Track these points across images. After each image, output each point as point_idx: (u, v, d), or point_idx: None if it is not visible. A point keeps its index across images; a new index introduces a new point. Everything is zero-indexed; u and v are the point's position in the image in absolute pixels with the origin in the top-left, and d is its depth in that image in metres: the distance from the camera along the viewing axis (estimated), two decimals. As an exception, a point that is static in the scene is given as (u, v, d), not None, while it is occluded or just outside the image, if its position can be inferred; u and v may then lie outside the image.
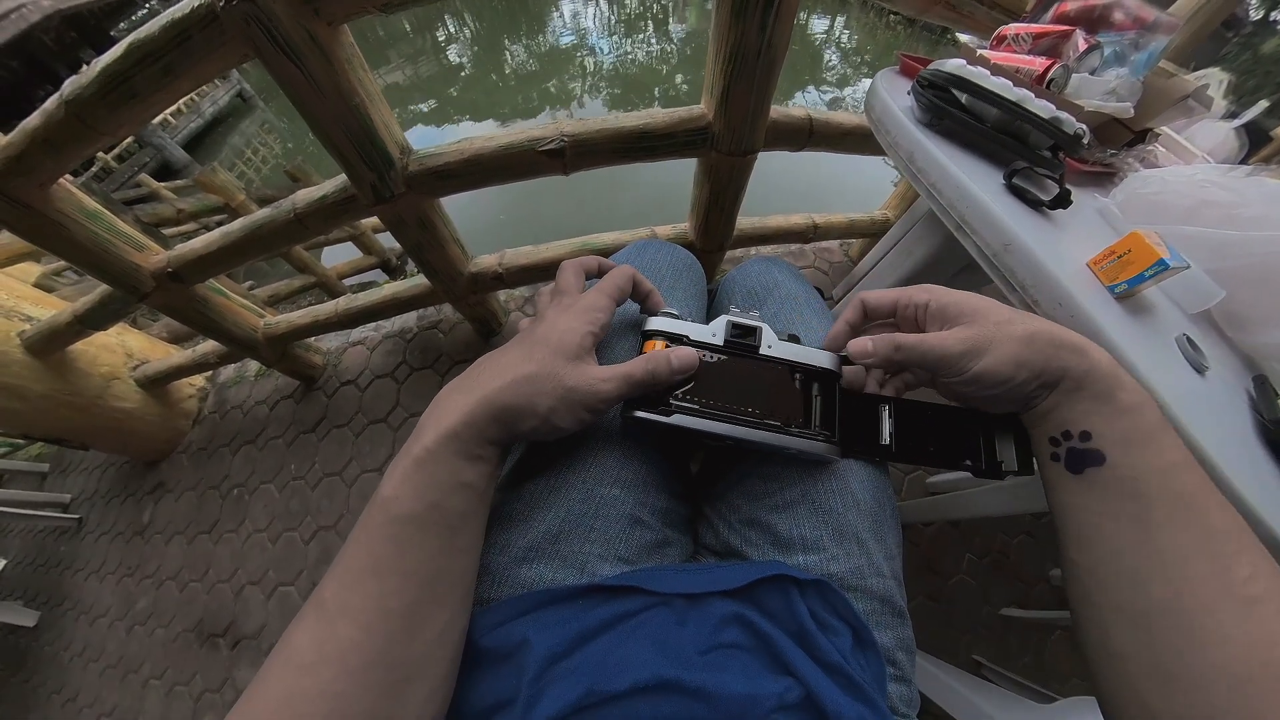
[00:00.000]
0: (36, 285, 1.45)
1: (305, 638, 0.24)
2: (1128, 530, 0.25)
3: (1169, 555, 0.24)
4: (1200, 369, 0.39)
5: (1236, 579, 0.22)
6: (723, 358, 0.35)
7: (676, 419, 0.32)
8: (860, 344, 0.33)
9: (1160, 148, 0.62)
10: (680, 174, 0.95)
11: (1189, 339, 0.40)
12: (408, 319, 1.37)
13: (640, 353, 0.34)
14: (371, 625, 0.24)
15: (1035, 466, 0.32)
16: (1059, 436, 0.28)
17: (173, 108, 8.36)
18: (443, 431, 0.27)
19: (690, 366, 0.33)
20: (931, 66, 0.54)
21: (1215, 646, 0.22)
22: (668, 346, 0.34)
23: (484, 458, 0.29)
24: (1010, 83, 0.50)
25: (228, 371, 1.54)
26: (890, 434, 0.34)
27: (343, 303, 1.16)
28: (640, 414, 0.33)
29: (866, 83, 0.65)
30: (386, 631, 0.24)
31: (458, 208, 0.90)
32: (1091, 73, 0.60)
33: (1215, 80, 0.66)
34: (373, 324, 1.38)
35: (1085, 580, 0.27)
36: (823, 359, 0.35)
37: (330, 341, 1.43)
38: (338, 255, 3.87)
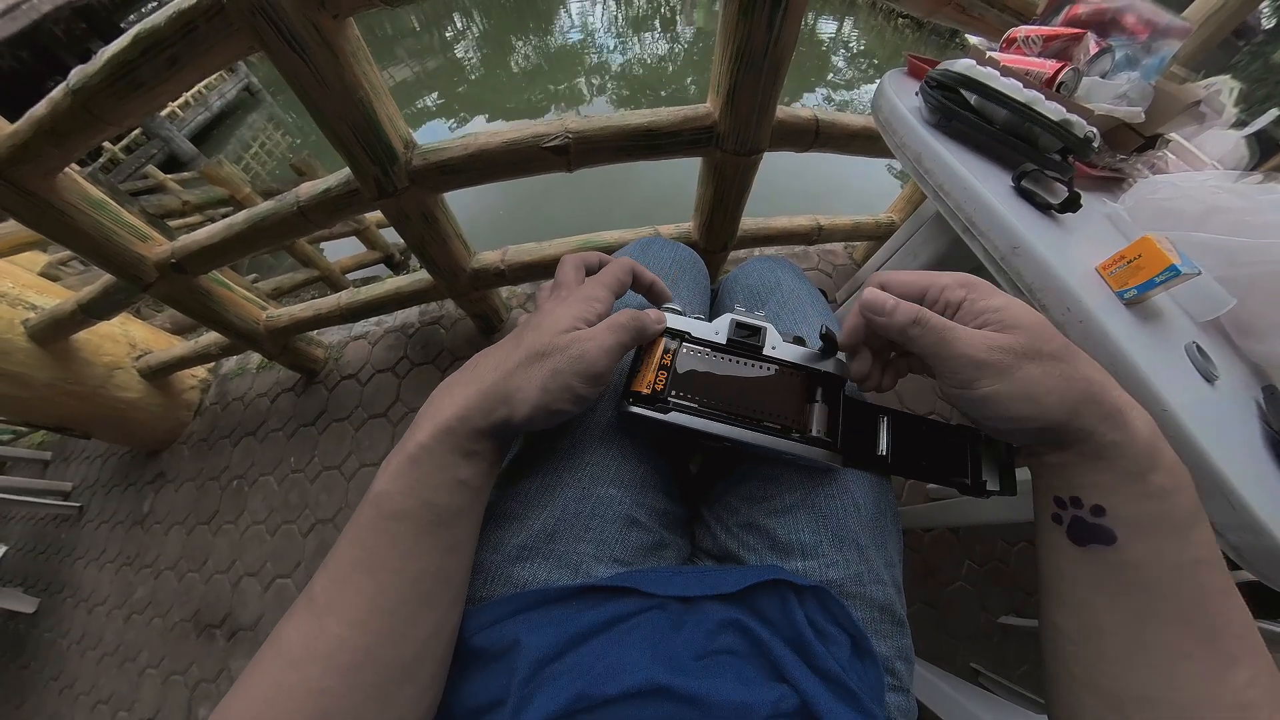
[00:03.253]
0: (42, 274, 1.46)
1: (295, 633, 0.23)
2: (1124, 617, 0.23)
3: (1165, 652, 0.22)
4: (1210, 378, 0.39)
5: (1233, 683, 0.21)
6: (725, 356, 0.34)
7: (674, 417, 0.32)
8: (879, 297, 0.28)
9: (1170, 154, 0.61)
10: (685, 173, 0.95)
11: (1198, 347, 0.40)
12: (409, 314, 1.37)
13: (644, 351, 0.34)
14: (361, 623, 0.24)
15: (1017, 489, 0.31)
16: (1066, 500, 0.25)
17: (180, 100, 8.42)
18: (438, 427, 0.27)
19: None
20: (940, 67, 0.54)
21: None
22: (668, 343, 0.34)
23: (479, 454, 0.28)
24: (1020, 84, 0.49)
25: (230, 363, 1.55)
26: (887, 445, 0.33)
27: (345, 297, 1.16)
28: (637, 410, 0.32)
29: (873, 86, 0.65)
30: (376, 630, 0.24)
31: (461, 204, 0.90)
32: (1102, 76, 0.59)
33: (1226, 88, 0.65)
34: (374, 318, 1.38)
35: (1064, 647, 0.25)
36: (828, 363, 0.34)
37: (332, 335, 1.43)
38: (341, 250, 3.89)
